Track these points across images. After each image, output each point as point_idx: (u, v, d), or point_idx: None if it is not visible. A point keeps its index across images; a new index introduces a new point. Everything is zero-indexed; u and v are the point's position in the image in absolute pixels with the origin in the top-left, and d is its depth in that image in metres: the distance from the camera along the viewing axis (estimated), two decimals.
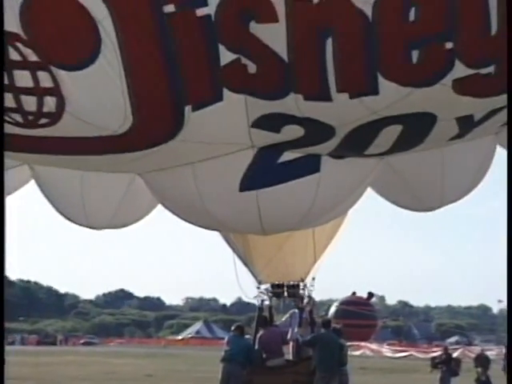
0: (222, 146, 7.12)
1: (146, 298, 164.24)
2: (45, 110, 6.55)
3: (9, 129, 6.80)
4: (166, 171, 7.53)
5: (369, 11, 6.22)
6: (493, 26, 6.32)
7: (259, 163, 7.32)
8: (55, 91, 6.48)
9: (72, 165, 7.54)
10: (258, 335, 15.57)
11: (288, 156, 7.23)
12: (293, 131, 6.81)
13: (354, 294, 72.99)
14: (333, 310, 68.55)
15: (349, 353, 16.80)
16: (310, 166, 7.44)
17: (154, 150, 6.87)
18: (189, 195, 7.91)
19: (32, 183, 8.72)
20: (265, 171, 7.43)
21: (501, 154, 8.27)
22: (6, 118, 6.80)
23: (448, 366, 25.98)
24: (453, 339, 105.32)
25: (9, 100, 6.60)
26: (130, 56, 6.36)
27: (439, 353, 31.03)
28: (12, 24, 6.26)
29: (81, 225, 9.39)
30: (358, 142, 7.03)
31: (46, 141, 6.80)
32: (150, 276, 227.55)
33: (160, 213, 9.00)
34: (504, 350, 29.17)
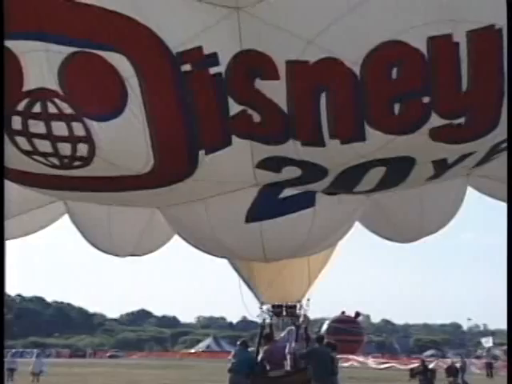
0: (231, 184, 7.08)
1: (164, 317, 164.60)
2: (78, 154, 6.53)
3: (47, 170, 6.80)
4: (182, 205, 7.50)
5: (357, 71, 6.23)
6: (463, 84, 6.31)
7: (262, 198, 7.27)
8: (87, 139, 6.47)
9: (100, 200, 7.48)
10: (264, 349, 15.80)
11: (287, 192, 7.19)
12: (291, 171, 6.78)
13: (343, 313, 73.22)
14: (325, 327, 68.53)
15: (339, 364, 16.97)
16: (306, 201, 7.39)
17: (172, 187, 6.85)
18: (201, 226, 7.86)
19: (66, 216, 8.69)
20: (267, 205, 7.37)
21: (471, 192, 8.28)
22: (45, 161, 6.74)
23: (425, 375, 27.22)
24: (429, 352, 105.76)
25: (47, 146, 6.58)
26: (152, 108, 6.35)
27: (417, 364, 32.00)
28: (51, 82, 6.27)
29: (107, 253, 9.34)
30: (347, 181, 6.98)
31: (79, 180, 6.78)
32: (166, 297, 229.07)
33: (176, 242, 8.95)
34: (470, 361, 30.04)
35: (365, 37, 6.18)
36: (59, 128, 6.43)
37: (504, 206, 8.39)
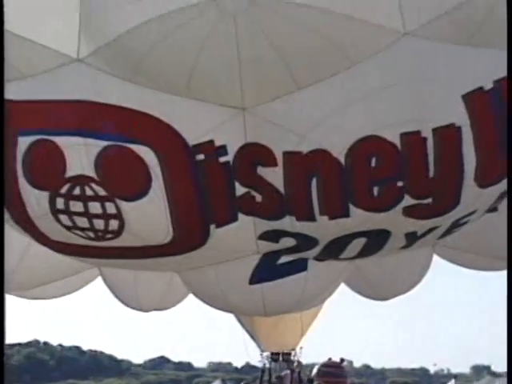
0: (237, 252, 7.04)
1: (180, 363, 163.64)
2: (110, 229, 6.55)
3: (84, 242, 6.79)
4: (196, 270, 7.43)
5: (342, 160, 6.24)
6: (430, 172, 6.30)
7: (263, 264, 7.20)
8: (118, 216, 6.50)
9: (128, 266, 7.45)
10: None
11: (284, 259, 7.13)
12: (287, 242, 6.75)
13: (330, 359, 72.07)
14: (315, 370, 67.62)
15: None
16: (300, 266, 7.30)
17: (187, 255, 6.83)
18: (211, 287, 7.75)
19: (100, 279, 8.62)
20: (267, 270, 7.27)
21: (436, 260, 8.23)
22: (82, 234, 6.75)
23: None
24: None
25: (84, 222, 6.61)
26: (172, 190, 6.36)
27: None
28: (89, 170, 6.32)
29: (135, 309, 9.28)
30: (334, 249, 6.94)
31: (110, 249, 6.77)
32: (182, 346, 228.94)
33: (191, 299, 8.93)
34: None
35: (349, 132, 6.18)
36: (94, 207, 6.45)
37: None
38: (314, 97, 6.09)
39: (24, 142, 6.32)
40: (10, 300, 8.40)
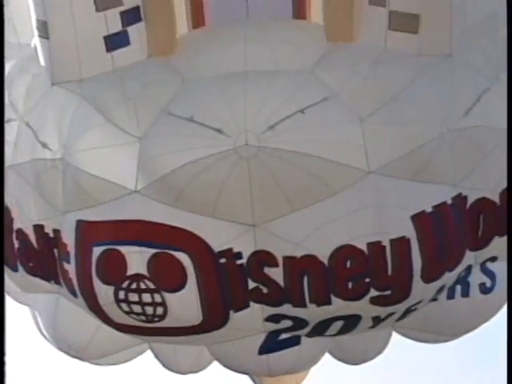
0: (249, 331, 6.84)
1: None
2: (157, 313, 6.37)
3: (137, 323, 6.64)
4: (218, 344, 7.28)
5: (326, 262, 6.18)
6: (389, 271, 6.24)
7: (268, 340, 7.02)
8: (163, 304, 6.35)
9: (169, 341, 7.29)
10: None
11: (283, 336, 6.98)
12: (286, 323, 6.59)
13: None
14: None
15: None
16: (295, 341, 7.17)
17: (212, 333, 6.68)
18: (230, 357, 7.56)
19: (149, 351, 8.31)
20: (271, 344, 7.10)
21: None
22: (137, 318, 6.59)
23: None
24: None
25: (138, 309, 6.46)
26: (202, 285, 6.25)
27: None
28: (143, 270, 6.30)
29: (174, 371, 9.05)
30: (319, 329, 6.76)
31: (157, 329, 6.64)
32: None
33: (214, 364, 8.61)
34: None
35: (330, 242, 6.07)
36: (146, 297, 6.33)
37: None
38: (305, 217, 6.03)
39: (97, 251, 6.29)
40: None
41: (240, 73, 5.97)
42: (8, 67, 6.81)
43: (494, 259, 6.90)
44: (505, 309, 7.36)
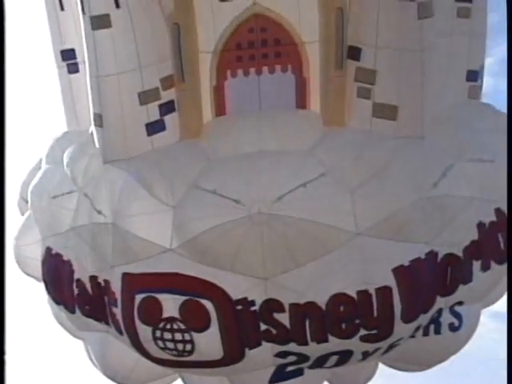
0: (261, 365, 6.68)
1: None
2: (186, 349, 6.15)
3: (170, 357, 6.42)
4: (235, 375, 7.04)
5: (324, 307, 5.99)
6: (375, 313, 6.05)
7: (277, 371, 6.76)
8: (191, 342, 6.18)
9: (196, 372, 7.04)
10: None
11: (289, 368, 6.72)
12: (292, 358, 6.41)
13: None
14: None
15: None
16: (299, 372, 6.89)
17: (231, 367, 6.45)
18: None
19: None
20: (279, 375, 6.87)
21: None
22: (170, 353, 6.34)
23: None
24: None
25: (171, 345, 6.25)
26: (223, 327, 6.05)
27: None
28: (175, 313, 6.10)
29: None
30: (319, 362, 6.55)
31: (186, 362, 6.43)
32: None
33: None
34: None
35: (327, 290, 5.89)
36: (178, 336, 6.12)
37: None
38: (307, 271, 5.87)
39: (138, 298, 6.13)
40: None
41: (254, 153, 5.86)
42: (71, 149, 6.74)
43: (460, 303, 6.67)
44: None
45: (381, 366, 7.64)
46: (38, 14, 7.08)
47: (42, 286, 7.20)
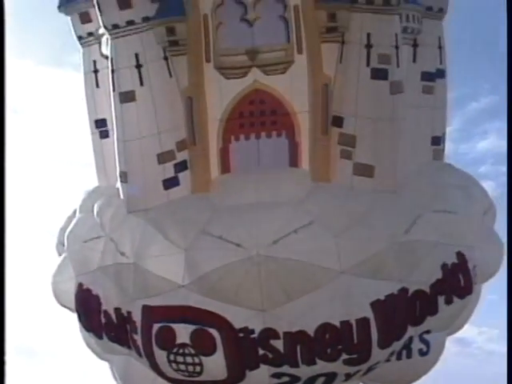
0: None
1: None
2: (196, 371, 6.29)
3: (182, 377, 6.43)
4: None
5: (312, 334, 6.02)
6: (355, 340, 6.12)
7: None
8: (200, 364, 6.22)
9: None
10: None
11: None
12: (285, 378, 6.39)
13: None
14: None
15: None
16: None
17: None
18: None
19: None
20: None
21: None
22: (182, 373, 6.38)
23: None
24: None
25: (183, 367, 6.31)
26: (227, 352, 6.11)
27: None
28: (186, 340, 6.19)
29: None
30: (309, 382, 6.54)
31: (195, 382, 6.49)
32: None
33: None
34: None
35: (315, 320, 5.98)
36: (189, 359, 6.28)
37: None
38: (298, 304, 6.00)
39: (156, 326, 6.30)
40: None
41: (253, 204, 6.24)
42: (100, 201, 7.08)
43: (428, 332, 6.80)
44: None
45: None
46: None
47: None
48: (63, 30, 7.26)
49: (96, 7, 6.07)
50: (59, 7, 7.19)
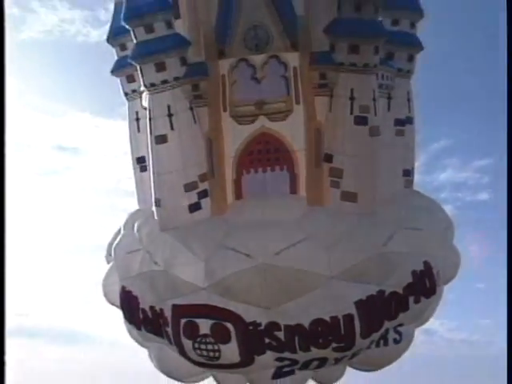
0: (266, 367, 7.09)
1: None
2: (215, 356, 6.75)
3: (204, 361, 6.90)
4: (249, 373, 7.38)
5: (307, 327, 6.54)
6: (342, 331, 6.62)
7: (277, 371, 7.21)
8: (218, 351, 6.75)
9: (221, 371, 7.44)
10: None
11: (286, 369, 7.10)
12: (286, 362, 6.97)
13: None
14: None
15: None
16: (291, 372, 7.28)
17: (246, 368, 6.92)
18: (255, 380, 7.66)
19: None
20: (278, 373, 7.30)
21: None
22: (203, 357, 6.91)
23: None
24: None
25: (204, 352, 6.81)
26: (239, 342, 6.67)
27: None
28: (207, 331, 6.74)
29: None
30: (305, 365, 7.05)
31: (214, 365, 6.97)
32: None
33: None
34: None
35: (309, 316, 6.51)
36: (209, 347, 6.83)
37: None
38: (296, 303, 6.53)
39: (183, 321, 6.84)
40: None
41: (260, 222, 6.85)
42: (139, 221, 7.74)
43: (401, 325, 7.38)
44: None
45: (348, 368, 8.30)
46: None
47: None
48: (115, 89, 8.17)
49: (139, 71, 6.93)
50: (112, 71, 8.03)
